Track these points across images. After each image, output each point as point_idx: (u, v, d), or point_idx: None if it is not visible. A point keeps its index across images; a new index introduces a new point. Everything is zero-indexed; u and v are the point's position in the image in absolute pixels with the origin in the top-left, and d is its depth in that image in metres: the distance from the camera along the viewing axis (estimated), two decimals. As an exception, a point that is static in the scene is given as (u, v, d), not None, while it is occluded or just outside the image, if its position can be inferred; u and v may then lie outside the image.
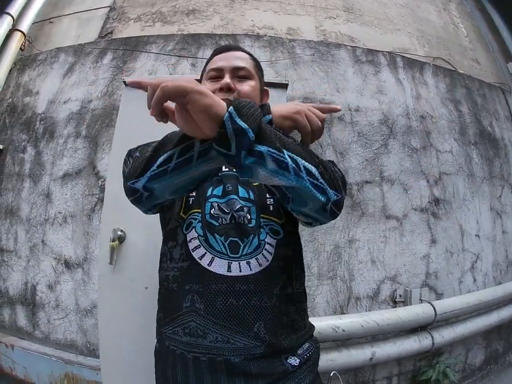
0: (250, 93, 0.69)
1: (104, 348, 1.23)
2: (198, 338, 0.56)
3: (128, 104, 1.41)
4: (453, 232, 1.88)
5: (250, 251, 0.60)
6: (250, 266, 0.58)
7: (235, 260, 0.58)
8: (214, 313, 0.56)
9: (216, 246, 0.60)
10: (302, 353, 0.61)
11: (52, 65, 2.20)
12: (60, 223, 1.83)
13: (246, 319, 0.55)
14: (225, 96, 0.65)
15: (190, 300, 0.58)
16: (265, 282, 0.58)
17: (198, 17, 2.21)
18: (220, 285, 0.57)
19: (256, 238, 0.61)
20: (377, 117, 1.84)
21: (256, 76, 0.73)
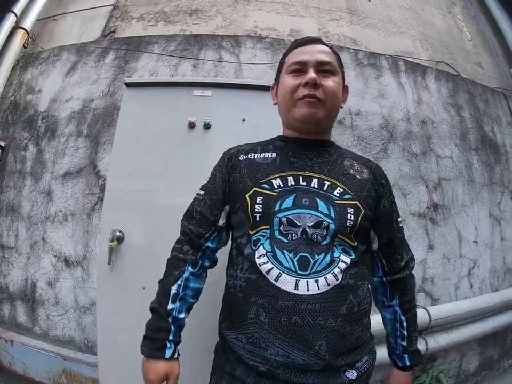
0: (335, 89, 0.69)
1: (102, 345, 1.25)
2: (260, 349, 0.58)
3: (129, 105, 1.41)
4: (451, 238, 1.88)
5: (320, 269, 0.59)
6: (318, 285, 0.57)
7: (303, 277, 0.58)
8: (277, 328, 0.56)
9: (284, 262, 0.59)
10: (360, 366, 0.62)
11: (55, 64, 2.21)
12: (60, 221, 1.85)
13: (308, 338, 0.56)
14: (311, 91, 0.66)
15: (255, 312, 0.59)
16: (332, 302, 0.57)
17: (200, 17, 2.21)
18: (286, 302, 0.56)
19: (329, 255, 0.60)
20: (377, 121, 1.83)
21: (339, 72, 0.72)
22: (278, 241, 0.61)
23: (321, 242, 0.61)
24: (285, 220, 0.62)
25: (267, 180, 0.67)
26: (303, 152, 0.72)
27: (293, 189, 0.65)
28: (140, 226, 1.27)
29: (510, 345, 2.25)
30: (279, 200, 0.64)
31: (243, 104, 1.37)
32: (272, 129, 1.32)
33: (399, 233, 0.75)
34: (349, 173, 0.69)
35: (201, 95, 1.39)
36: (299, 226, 0.61)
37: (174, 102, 1.37)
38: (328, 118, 0.71)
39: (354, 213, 0.63)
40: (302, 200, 0.63)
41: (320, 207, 0.63)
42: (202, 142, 1.31)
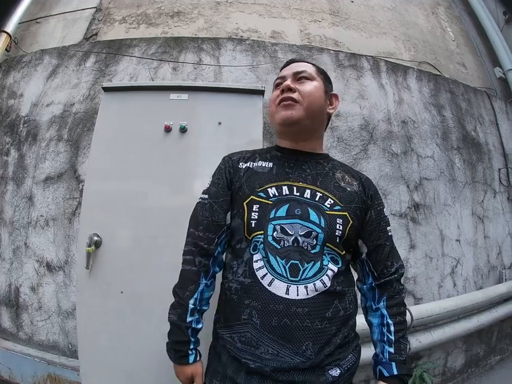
0: (311, 90, 0.74)
1: (82, 349, 1.25)
2: (251, 348, 0.63)
3: (107, 109, 1.41)
4: (433, 237, 1.88)
5: (310, 276, 0.63)
6: (307, 291, 0.62)
7: (294, 283, 0.62)
8: (268, 329, 0.62)
9: (277, 268, 0.64)
10: (343, 363, 0.65)
11: (36, 68, 2.19)
12: (42, 226, 1.84)
13: (296, 338, 0.61)
14: (287, 94, 0.73)
15: (248, 313, 0.64)
16: (319, 307, 0.62)
17: (182, 19, 2.20)
18: (277, 305, 0.62)
19: (319, 263, 0.65)
20: (357, 122, 1.84)
21: (318, 78, 0.78)
22: (272, 246, 0.65)
23: (311, 250, 0.65)
24: (278, 228, 0.66)
25: (263, 188, 0.72)
26: (297, 163, 0.77)
27: (287, 199, 0.69)
28: (118, 231, 1.27)
29: (496, 342, 2.26)
30: (274, 208, 0.68)
31: (219, 107, 1.37)
32: (248, 132, 1.34)
33: (388, 241, 0.77)
34: (339, 185, 0.74)
35: (177, 99, 1.39)
36: (291, 235, 0.65)
37: (150, 106, 1.37)
38: (307, 118, 0.73)
39: (343, 223, 0.68)
40: (295, 210, 0.67)
41: (312, 216, 0.67)
42: (179, 146, 1.31)
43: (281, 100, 0.73)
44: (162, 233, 1.22)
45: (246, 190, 0.73)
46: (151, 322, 1.17)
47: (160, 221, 1.24)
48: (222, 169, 0.80)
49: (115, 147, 1.34)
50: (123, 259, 1.24)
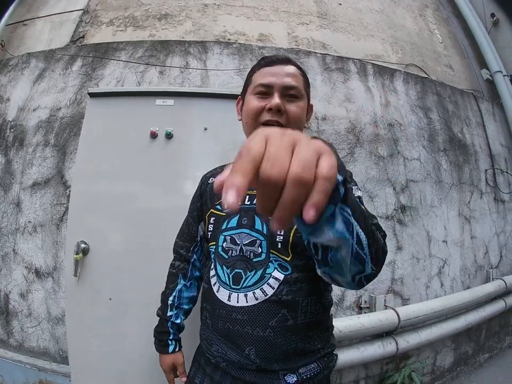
0: (299, 115, 0.69)
1: (73, 356, 1.26)
2: (208, 345, 0.70)
3: (93, 115, 1.40)
4: (420, 238, 1.91)
5: (250, 284, 0.64)
6: (247, 299, 0.64)
7: (235, 291, 0.65)
8: (216, 330, 0.67)
9: (222, 277, 0.68)
10: (303, 372, 0.64)
11: (23, 71, 2.17)
12: (30, 232, 1.83)
13: (238, 342, 0.64)
14: (274, 117, 0.66)
15: (205, 315, 0.72)
16: (260, 315, 0.63)
17: (169, 22, 2.19)
18: (221, 310, 0.66)
19: (261, 271, 0.65)
20: (344, 125, 1.85)
21: (305, 95, 0.72)
22: (220, 257, 0.69)
23: (253, 259, 0.66)
24: (228, 238, 0.69)
25: (219, 201, 0.73)
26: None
27: (239, 209, 0.67)
28: (105, 237, 1.27)
29: (484, 340, 2.30)
30: (226, 219, 0.71)
31: (205, 113, 1.37)
32: (234, 138, 1.35)
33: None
34: None
35: (163, 104, 1.39)
36: (238, 244, 0.68)
37: (136, 112, 1.37)
38: None
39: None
40: (242, 220, 0.69)
41: (256, 225, 0.68)
42: (164, 152, 1.31)
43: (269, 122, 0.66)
44: (150, 239, 1.22)
45: (208, 203, 0.79)
46: (140, 329, 1.17)
47: (148, 227, 1.24)
48: (198, 187, 0.87)
49: (101, 153, 1.33)
50: (111, 266, 1.24)
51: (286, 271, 0.64)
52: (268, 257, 0.65)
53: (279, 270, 0.64)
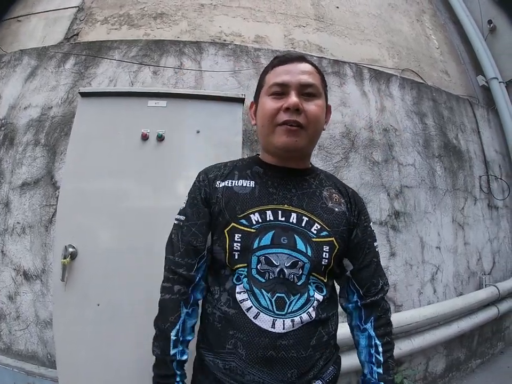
0: (319, 114, 0.66)
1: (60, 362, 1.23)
2: (237, 376, 0.61)
3: (83, 115, 1.37)
4: (413, 244, 1.90)
5: (296, 309, 0.61)
6: (293, 324, 0.61)
7: (280, 317, 0.60)
8: (254, 360, 0.60)
9: (262, 302, 0.61)
10: (325, 376, 0.65)
11: (15, 68, 2.13)
12: (19, 234, 1.79)
13: (282, 368, 0.60)
14: (292, 117, 0.63)
15: (233, 344, 0.62)
16: (304, 337, 0.61)
17: (165, 21, 2.17)
18: (263, 338, 0.60)
19: (305, 295, 0.63)
20: (339, 129, 1.83)
21: (323, 93, 0.69)
22: (255, 280, 0.63)
23: (297, 282, 0.63)
24: (263, 259, 0.63)
25: (245, 214, 0.66)
26: (282, 181, 0.70)
27: (272, 225, 0.65)
28: (94, 241, 1.24)
29: (477, 346, 2.30)
30: (257, 237, 0.64)
31: (198, 115, 1.34)
32: (227, 141, 1.33)
33: (375, 258, 0.74)
34: (327, 207, 0.69)
35: (155, 106, 1.36)
36: (276, 266, 0.62)
37: (128, 113, 1.34)
38: (309, 144, 0.69)
39: (329, 251, 0.65)
40: (280, 239, 0.64)
41: (298, 245, 0.64)
42: (155, 155, 1.29)
43: (287, 122, 0.63)
44: (140, 244, 1.20)
45: (226, 215, 0.67)
46: (128, 334, 1.15)
47: (137, 231, 1.21)
48: (198, 187, 0.73)
49: (91, 155, 1.30)
50: (100, 271, 1.22)
51: (322, 292, 0.65)
52: (307, 280, 0.63)
53: (317, 292, 0.64)
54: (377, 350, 0.69)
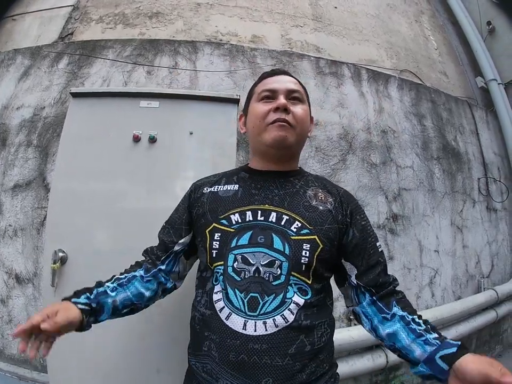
0: (304, 117, 0.72)
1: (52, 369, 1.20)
2: (212, 380, 0.61)
3: (74, 116, 1.34)
4: (411, 248, 1.88)
5: (270, 310, 0.59)
6: (266, 327, 0.58)
7: (252, 318, 0.59)
8: (226, 363, 0.59)
9: (234, 302, 0.61)
10: None
11: (8, 68, 2.10)
12: (11, 236, 1.76)
13: (255, 375, 0.57)
14: (281, 115, 0.68)
15: (208, 346, 0.62)
16: (280, 343, 0.58)
17: (161, 20, 2.14)
18: (234, 340, 0.58)
19: (281, 295, 0.60)
20: (336, 131, 1.81)
21: (306, 102, 0.75)
22: (231, 278, 0.62)
23: (273, 282, 0.61)
24: (239, 257, 0.63)
25: (226, 215, 0.68)
26: (265, 184, 0.72)
27: (251, 225, 0.65)
28: (84, 246, 1.21)
29: (475, 349, 2.28)
30: (235, 236, 0.65)
31: (191, 116, 1.32)
32: (222, 143, 1.30)
33: (381, 258, 0.71)
34: (310, 205, 0.68)
35: (147, 107, 1.33)
36: (252, 265, 0.62)
37: (120, 114, 1.31)
38: (297, 144, 0.73)
39: (310, 249, 0.63)
40: (257, 238, 0.64)
41: (276, 244, 0.63)
42: (147, 157, 1.26)
43: (277, 119, 0.68)
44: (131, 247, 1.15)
45: (208, 217, 0.70)
46: (120, 341, 1.12)
47: (129, 234, 1.18)
48: (185, 197, 0.81)
49: (82, 157, 1.27)
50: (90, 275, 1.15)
51: (305, 295, 0.62)
52: (287, 280, 0.61)
53: (298, 294, 0.61)
54: (418, 322, 0.62)
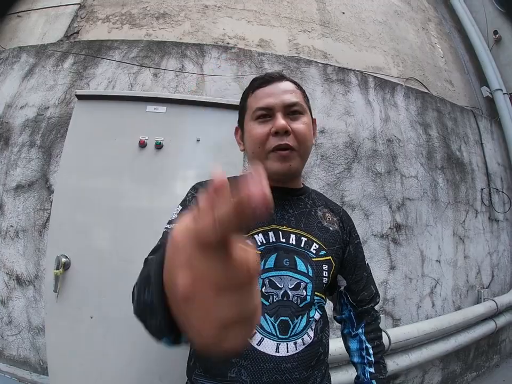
0: (306, 132, 0.65)
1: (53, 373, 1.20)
2: None
3: (80, 118, 1.34)
4: (413, 258, 1.87)
5: (299, 331, 0.61)
6: (296, 346, 0.60)
7: (284, 341, 0.60)
8: None
9: (266, 327, 0.60)
10: None
11: (13, 66, 2.08)
12: (12, 237, 1.74)
13: None
14: (282, 141, 0.62)
15: (236, 372, 0.60)
16: (306, 358, 0.61)
17: (168, 21, 2.12)
18: (267, 364, 0.59)
19: (306, 316, 0.62)
20: (342, 139, 1.80)
21: (307, 109, 0.69)
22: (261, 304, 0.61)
23: (300, 304, 0.62)
24: (267, 282, 0.62)
25: (249, 235, 0.65)
26: (279, 202, 0.70)
27: (275, 247, 0.65)
28: (87, 252, 1.21)
29: (473, 359, 2.29)
30: (262, 259, 0.63)
31: (199, 122, 1.31)
32: (229, 151, 1.28)
33: (365, 272, 0.77)
34: (322, 226, 0.70)
35: (154, 111, 1.32)
36: (280, 289, 0.62)
37: (126, 118, 1.30)
38: (302, 164, 0.69)
39: (328, 269, 0.66)
40: (283, 261, 0.63)
41: (299, 266, 0.64)
42: (153, 163, 1.25)
43: (278, 147, 0.63)
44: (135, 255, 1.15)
45: None
46: (122, 348, 1.12)
47: (133, 242, 1.18)
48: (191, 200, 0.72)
49: (86, 161, 1.27)
50: (93, 282, 1.19)
51: (322, 310, 0.67)
52: (312, 300, 0.63)
53: (318, 311, 0.65)
54: (368, 352, 0.73)
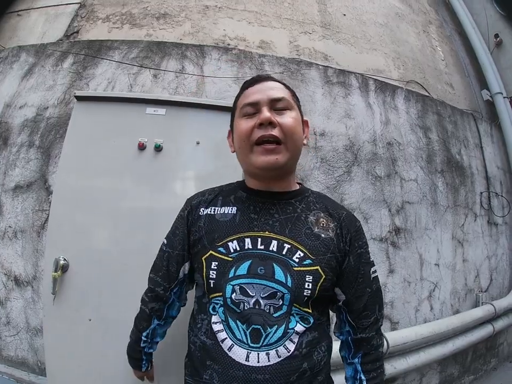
0: (294, 126, 0.64)
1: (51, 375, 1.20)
2: None
3: (79, 120, 1.32)
4: (412, 261, 1.88)
5: (272, 342, 0.58)
6: (269, 358, 0.58)
7: (254, 350, 0.58)
8: None
9: (237, 333, 0.60)
10: None
11: (12, 65, 2.07)
12: (10, 238, 1.74)
13: None
14: (267, 131, 0.61)
15: (210, 374, 0.61)
16: (283, 372, 0.58)
17: (168, 22, 2.11)
18: (237, 371, 0.58)
19: (283, 326, 0.59)
20: (342, 142, 1.80)
21: (296, 107, 0.67)
22: (231, 310, 0.61)
23: (274, 313, 0.59)
24: (238, 288, 0.61)
25: (224, 242, 0.65)
26: (264, 206, 0.68)
27: (249, 254, 0.63)
28: (86, 254, 1.20)
29: (470, 363, 2.29)
30: (233, 266, 0.62)
31: (198, 125, 1.30)
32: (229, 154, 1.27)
33: (369, 287, 0.69)
34: (312, 232, 0.65)
35: (154, 114, 1.32)
36: (252, 297, 0.60)
37: (125, 120, 1.29)
38: (290, 160, 0.66)
39: (313, 281, 0.61)
40: (257, 269, 0.61)
41: (277, 275, 0.61)
42: (152, 166, 1.24)
43: (262, 139, 0.61)
44: (134, 259, 1.16)
45: (205, 242, 0.67)
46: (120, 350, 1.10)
47: (132, 245, 1.17)
48: (182, 217, 0.75)
49: (85, 163, 1.26)
50: (92, 284, 1.18)
51: (307, 323, 0.62)
52: (289, 311, 0.60)
53: (301, 323, 0.61)
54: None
